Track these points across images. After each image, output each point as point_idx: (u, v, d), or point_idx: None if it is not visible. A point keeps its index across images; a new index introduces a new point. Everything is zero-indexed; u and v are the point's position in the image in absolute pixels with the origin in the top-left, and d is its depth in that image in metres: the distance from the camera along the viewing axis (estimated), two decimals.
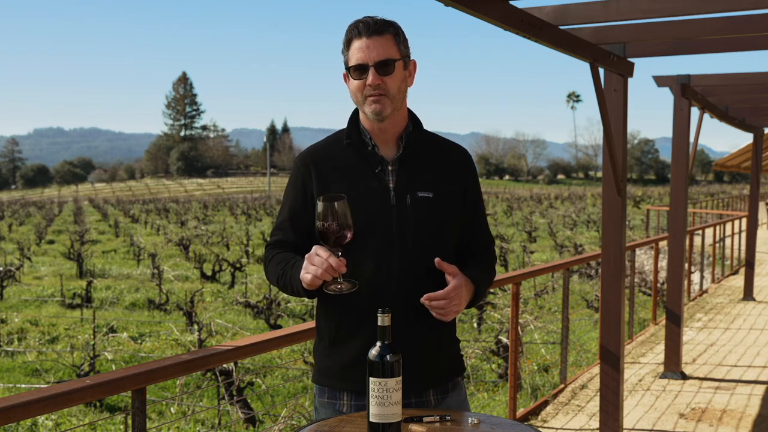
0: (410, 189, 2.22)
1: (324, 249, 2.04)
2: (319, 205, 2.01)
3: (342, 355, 2.24)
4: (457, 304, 2.16)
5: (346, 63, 2.21)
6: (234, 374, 6.83)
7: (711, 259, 13.31)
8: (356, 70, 2.17)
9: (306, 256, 2.09)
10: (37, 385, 8.64)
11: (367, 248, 2.18)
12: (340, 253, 2.04)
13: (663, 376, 6.74)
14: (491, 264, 2.39)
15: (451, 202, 2.27)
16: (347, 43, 2.20)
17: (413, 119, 2.31)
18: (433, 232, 2.22)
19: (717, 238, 13.68)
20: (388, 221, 2.19)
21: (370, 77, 2.15)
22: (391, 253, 2.19)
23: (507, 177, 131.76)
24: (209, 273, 18.07)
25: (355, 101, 2.24)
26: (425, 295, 2.14)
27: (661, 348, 7.62)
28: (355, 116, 2.28)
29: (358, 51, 2.16)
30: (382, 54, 2.15)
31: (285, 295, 13.28)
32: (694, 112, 7.06)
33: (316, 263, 2.03)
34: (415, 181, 2.23)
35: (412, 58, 2.27)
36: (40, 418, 7.44)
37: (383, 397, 1.87)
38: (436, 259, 2.18)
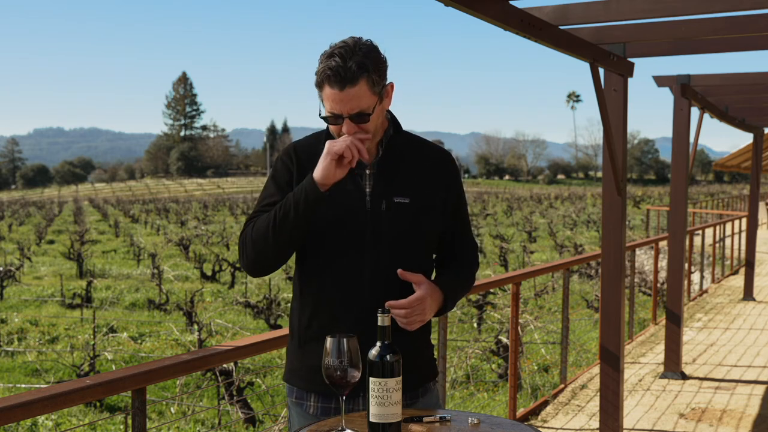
0: (386, 194, 2.19)
1: None
2: (328, 341, 1.93)
3: (309, 356, 2.21)
4: (421, 314, 2.13)
5: (320, 99, 2.13)
6: (234, 374, 6.83)
7: (711, 259, 13.31)
8: (331, 116, 2.11)
9: (327, 141, 2.09)
10: (37, 385, 8.64)
11: (340, 251, 2.17)
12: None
13: (663, 376, 6.75)
14: (470, 270, 2.35)
15: (430, 207, 2.23)
16: (319, 85, 2.10)
17: (393, 122, 2.28)
18: (408, 238, 2.20)
19: (717, 238, 13.68)
20: (362, 225, 2.17)
21: (346, 127, 2.09)
22: (363, 257, 2.17)
23: (507, 177, 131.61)
24: (209, 273, 18.07)
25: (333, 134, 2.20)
26: (387, 302, 2.11)
27: (661, 348, 7.62)
28: None
29: (331, 101, 2.08)
30: (356, 107, 2.07)
31: (285, 295, 13.27)
32: (694, 112, 7.07)
33: (341, 140, 2.06)
34: (392, 185, 2.20)
35: (388, 82, 2.16)
36: (40, 418, 7.44)
37: (383, 397, 1.87)
38: (399, 270, 2.16)
